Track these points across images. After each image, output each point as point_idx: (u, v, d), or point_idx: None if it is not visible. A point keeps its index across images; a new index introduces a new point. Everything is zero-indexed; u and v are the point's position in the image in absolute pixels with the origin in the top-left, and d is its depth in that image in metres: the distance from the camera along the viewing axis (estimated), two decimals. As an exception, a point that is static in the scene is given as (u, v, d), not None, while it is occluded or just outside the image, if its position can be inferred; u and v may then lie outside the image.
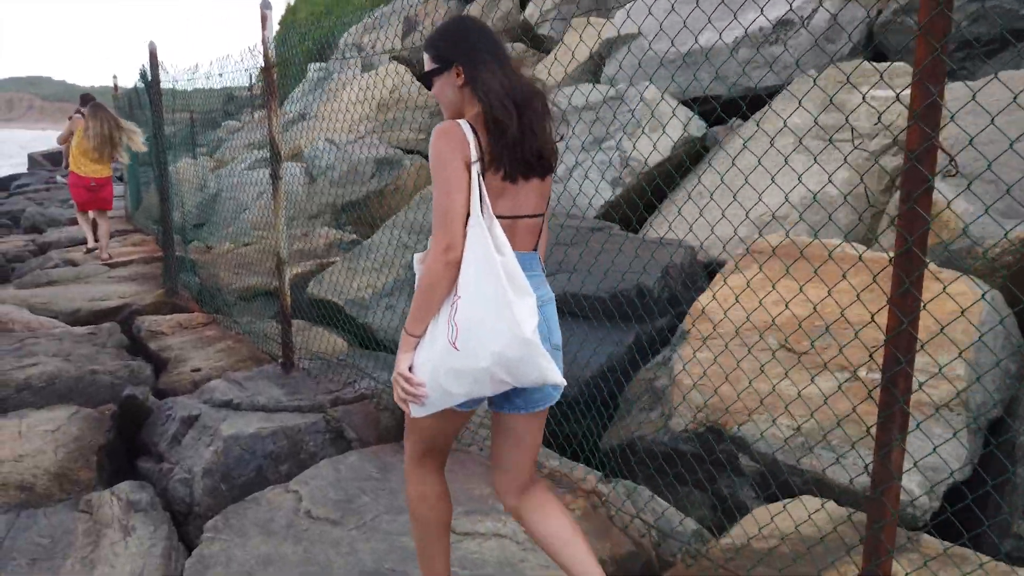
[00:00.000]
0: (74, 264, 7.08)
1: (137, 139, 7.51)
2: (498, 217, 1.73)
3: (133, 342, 5.06)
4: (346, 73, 11.70)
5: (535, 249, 1.89)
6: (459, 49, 1.81)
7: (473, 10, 9.72)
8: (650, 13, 2.71)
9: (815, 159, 2.49)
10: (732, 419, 2.73)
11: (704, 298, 3.33)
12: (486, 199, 1.71)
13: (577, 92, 5.51)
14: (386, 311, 4.84)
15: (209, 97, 8.55)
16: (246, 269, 6.11)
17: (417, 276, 1.78)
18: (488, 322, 1.67)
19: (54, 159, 20.81)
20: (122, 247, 8.29)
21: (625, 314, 3.52)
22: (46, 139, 44.70)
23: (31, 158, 28.20)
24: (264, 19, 3.76)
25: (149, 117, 7.35)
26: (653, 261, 3.65)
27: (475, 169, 1.70)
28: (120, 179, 13.65)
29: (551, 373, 1.70)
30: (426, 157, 7.92)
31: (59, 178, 12.53)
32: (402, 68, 9.06)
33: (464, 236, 1.70)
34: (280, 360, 4.09)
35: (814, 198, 2.72)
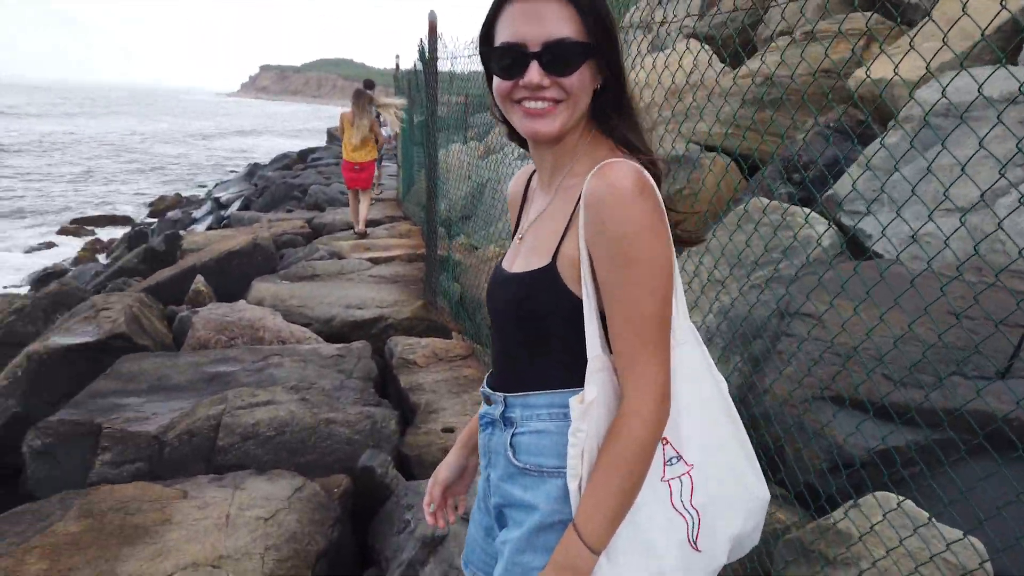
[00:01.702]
0: (340, 257, 6.71)
1: (394, 115, 8.38)
2: None
3: (383, 363, 4.34)
4: (629, 54, 10.52)
5: None
6: (614, 34, 1.07)
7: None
8: None
9: None
10: None
11: None
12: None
13: (992, 77, 3.76)
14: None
15: (480, 80, 7.93)
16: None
17: (585, 438, 1.04)
18: (726, 493, 1.12)
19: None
20: (388, 237, 7.91)
21: None
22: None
23: (329, 132, 31.06)
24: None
25: (423, 97, 6.81)
26: None
27: None
28: (394, 157, 13.82)
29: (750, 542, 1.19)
30: (732, 156, 6.43)
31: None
32: (699, 47, 7.65)
33: None
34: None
35: None
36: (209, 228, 11.87)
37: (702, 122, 6.78)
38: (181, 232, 9.45)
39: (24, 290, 10.79)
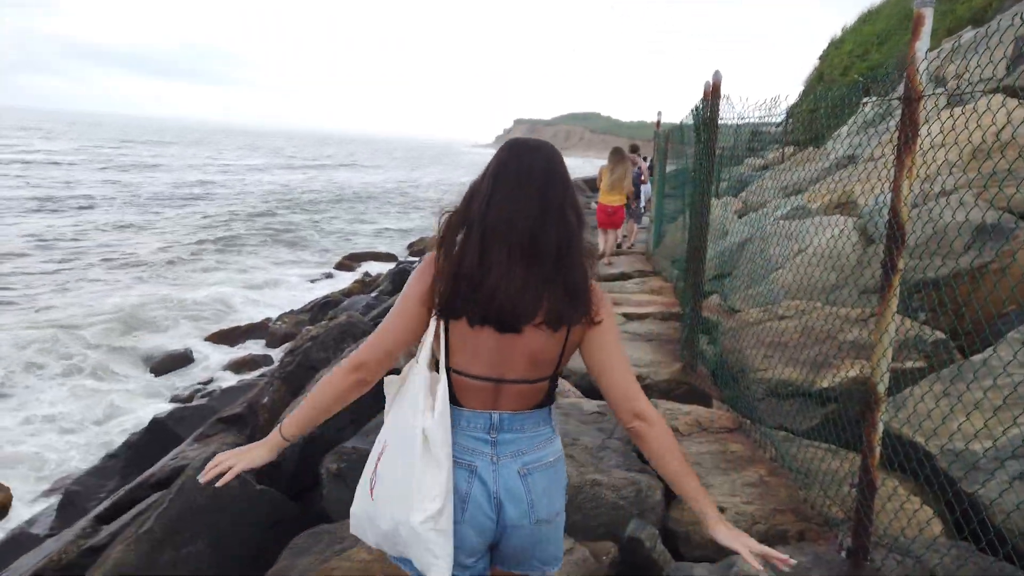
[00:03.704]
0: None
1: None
2: (471, 376, 1.54)
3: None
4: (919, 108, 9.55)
5: (540, 406, 1.63)
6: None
7: None
8: None
9: None
10: None
11: None
12: (433, 348, 1.55)
13: None
14: (1015, 483, 3.03)
15: (736, 133, 7.64)
16: (779, 351, 4.83)
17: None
18: (399, 486, 1.48)
19: (591, 185, 23.08)
20: (640, 292, 7.84)
21: None
22: (590, 166, 51.10)
23: (574, 183, 32.09)
24: (919, 23, 2.39)
25: (687, 151, 6.69)
26: None
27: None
28: (645, 209, 13.83)
29: (435, 570, 1.45)
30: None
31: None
32: (1013, 103, 6.72)
33: (387, 367, 1.55)
34: (844, 546, 2.67)
35: None
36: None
37: (1014, 188, 5.94)
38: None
39: (306, 315, 12.23)
